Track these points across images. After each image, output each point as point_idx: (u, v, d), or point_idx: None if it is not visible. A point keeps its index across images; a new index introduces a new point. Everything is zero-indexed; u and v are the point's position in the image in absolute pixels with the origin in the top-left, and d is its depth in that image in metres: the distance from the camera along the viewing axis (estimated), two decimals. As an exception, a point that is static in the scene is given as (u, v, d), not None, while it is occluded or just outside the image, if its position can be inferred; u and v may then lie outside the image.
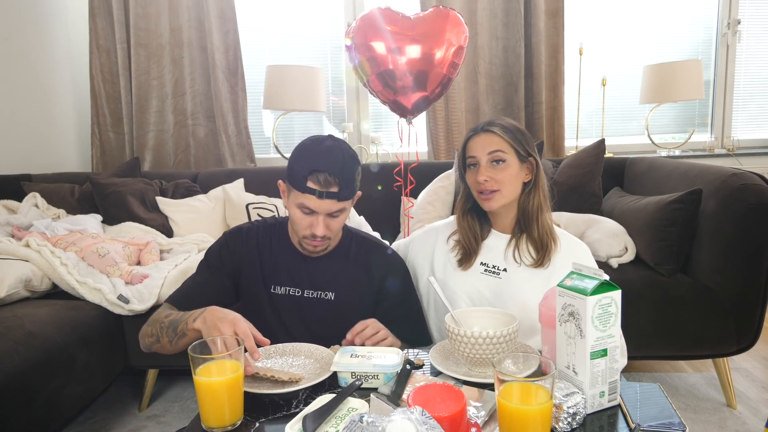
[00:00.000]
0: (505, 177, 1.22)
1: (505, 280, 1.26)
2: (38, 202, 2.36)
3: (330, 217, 1.17)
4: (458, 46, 1.83)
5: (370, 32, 1.78)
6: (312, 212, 1.15)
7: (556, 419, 0.82)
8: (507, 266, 1.26)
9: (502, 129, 1.23)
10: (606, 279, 0.88)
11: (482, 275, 1.28)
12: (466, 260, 1.29)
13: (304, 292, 1.27)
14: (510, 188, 1.23)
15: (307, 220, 1.17)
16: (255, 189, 2.55)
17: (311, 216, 1.16)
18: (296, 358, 1.11)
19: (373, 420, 0.71)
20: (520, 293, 1.23)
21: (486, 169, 1.22)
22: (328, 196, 1.13)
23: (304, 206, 1.15)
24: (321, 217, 1.15)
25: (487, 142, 1.23)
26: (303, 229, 1.18)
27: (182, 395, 2.15)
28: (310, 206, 1.14)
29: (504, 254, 1.27)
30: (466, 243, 1.29)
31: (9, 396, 1.33)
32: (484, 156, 1.22)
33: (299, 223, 1.18)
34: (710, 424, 1.83)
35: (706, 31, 3.18)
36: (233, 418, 0.88)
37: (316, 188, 1.12)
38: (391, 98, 1.89)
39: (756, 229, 1.74)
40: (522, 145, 1.23)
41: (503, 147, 1.22)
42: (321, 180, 1.12)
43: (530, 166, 1.25)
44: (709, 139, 3.19)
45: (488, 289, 1.27)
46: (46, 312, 1.65)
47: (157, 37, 2.94)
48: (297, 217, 1.17)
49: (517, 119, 2.90)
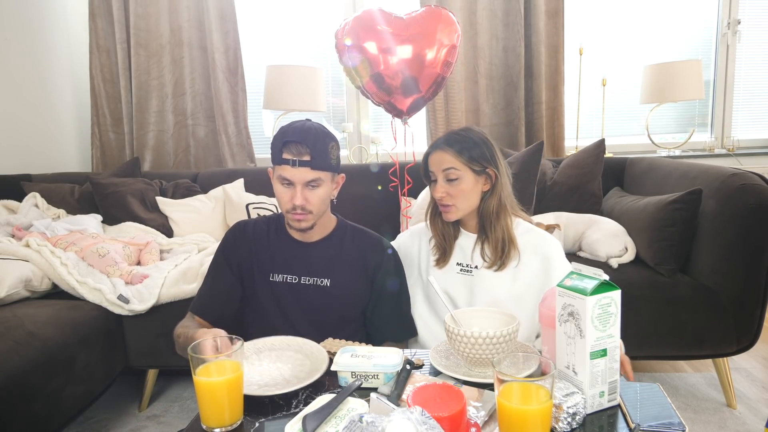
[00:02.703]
0: (459, 192, 1.28)
1: (477, 276, 1.33)
2: (38, 202, 2.36)
3: (308, 187, 1.23)
4: (451, 45, 1.83)
5: (362, 33, 1.78)
6: (290, 184, 1.22)
7: (555, 419, 0.82)
8: (477, 263, 1.34)
9: (456, 147, 1.28)
10: (606, 279, 0.88)
11: (458, 274, 1.35)
12: (442, 259, 1.37)
13: (300, 279, 1.31)
14: (466, 201, 1.30)
15: (287, 193, 1.23)
16: (255, 189, 2.55)
17: (290, 188, 1.23)
18: (283, 353, 1.12)
19: (373, 420, 0.71)
20: (491, 288, 1.31)
21: (441, 185, 1.29)
22: (302, 164, 1.20)
23: (282, 178, 1.23)
24: (299, 187, 1.22)
25: (442, 160, 1.29)
26: (285, 203, 1.24)
27: (182, 395, 2.15)
28: (286, 176, 1.21)
29: (473, 252, 1.35)
30: (440, 243, 1.37)
31: (9, 396, 1.33)
32: (440, 173, 1.29)
33: (281, 198, 1.25)
34: (710, 424, 1.83)
35: (706, 31, 3.18)
36: (233, 418, 0.88)
37: (289, 157, 1.20)
38: (385, 99, 1.89)
39: (756, 229, 1.74)
40: (477, 160, 1.28)
41: (456, 165, 1.27)
42: (293, 150, 1.20)
43: (488, 176, 1.30)
44: (709, 139, 3.19)
45: (463, 286, 1.34)
46: (46, 312, 1.65)
47: (157, 37, 2.94)
48: (279, 192, 1.25)
49: (517, 119, 2.90)
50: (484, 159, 1.28)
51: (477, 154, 1.28)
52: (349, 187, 1.53)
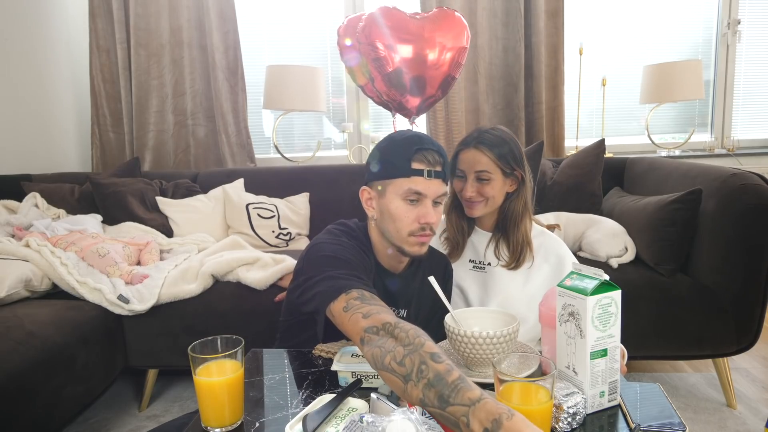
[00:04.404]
0: (489, 191, 1.29)
1: (489, 273, 1.35)
2: (38, 202, 2.36)
3: (434, 205, 1.10)
4: (462, 47, 1.85)
5: (375, 32, 1.78)
6: (419, 199, 1.08)
7: (556, 419, 0.82)
8: (490, 261, 1.36)
9: (490, 147, 1.27)
10: (606, 279, 0.88)
11: (471, 271, 1.38)
12: (453, 253, 1.38)
13: None
14: (494, 200, 1.31)
15: (413, 212, 1.08)
16: (255, 189, 2.55)
17: (418, 205, 1.09)
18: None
19: (373, 420, 0.71)
20: (504, 286, 1.33)
21: (472, 185, 1.30)
22: (436, 175, 1.08)
23: (410, 192, 1.07)
24: (429, 202, 1.08)
25: (475, 161, 1.28)
26: (409, 223, 1.09)
27: (182, 395, 2.14)
28: (418, 189, 1.07)
29: (486, 251, 1.36)
30: (453, 237, 1.38)
31: (9, 396, 1.33)
32: (471, 173, 1.29)
33: (404, 218, 1.09)
34: (710, 424, 1.83)
35: (706, 31, 3.18)
36: (233, 418, 0.88)
37: (423, 168, 1.06)
38: (397, 99, 1.89)
39: (756, 229, 1.74)
40: (508, 162, 1.28)
41: (490, 167, 1.28)
42: (428, 158, 1.06)
43: (515, 178, 1.31)
44: (709, 139, 3.19)
45: (475, 283, 1.37)
46: (46, 312, 1.65)
47: (157, 37, 2.94)
48: (401, 210, 1.08)
49: (517, 119, 2.90)
50: (515, 161, 1.29)
51: (509, 157, 1.28)
52: (349, 187, 1.53)
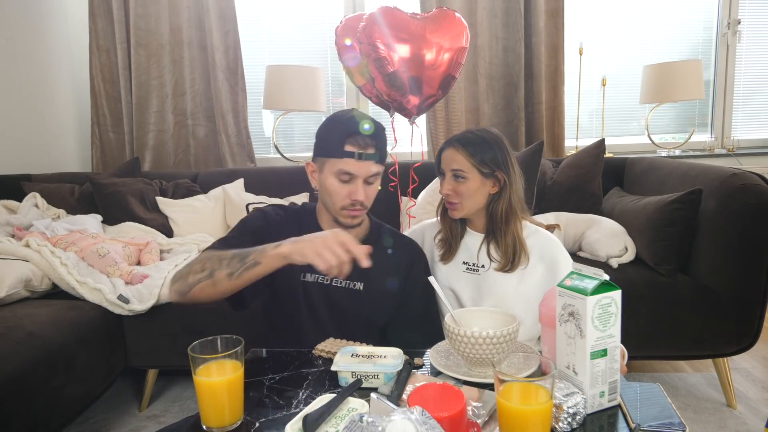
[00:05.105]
0: (465, 191, 1.28)
1: (483, 275, 1.34)
2: (38, 202, 2.36)
3: (366, 183, 1.18)
4: (462, 47, 1.85)
5: (377, 32, 1.78)
6: (351, 178, 1.16)
7: (556, 419, 0.82)
8: (484, 263, 1.34)
9: (466, 146, 1.27)
10: (606, 279, 0.88)
11: (464, 273, 1.36)
12: (447, 255, 1.37)
13: (332, 280, 1.25)
14: (470, 201, 1.29)
15: (345, 188, 1.17)
16: (255, 189, 2.55)
17: (350, 184, 1.17)
18: None
19: (373, 420, 0.71)
20: (498, 288, 1.31)
21: (448, 182, 1.30)
22: (367, 157, 1.15)
23: (342, 172, 1.16)
24: (360, 181, 1.16)
25: (451, 159, 1.29)
26: (341, 199, 1.18)
27: (182, 395, 2.14)
28: (349, 170, 1.15)
29: (479, 252, 1.35)
30: (447, 239, 1.38)
31: (9, 396, 1.33)
32: (448, 170, 1.30)
33: (337, 193, 1.18)
34: (710, 424, 1.83)
35: (706, 31, 3.18)
36: (233, 418, 0.88)
37: (354, 150, 1.14)
38: (397, 99, 1.89)
39: (756, 229, 1.74)
40: (485, 162, 1.27)
41: (464, 167, 1.27)
42: (360, 141, 1.14)
43: (496, 180, 1.29)
44: (709, 139, 3.19)
45: (468, 285, 1.35)
46: (46, 312, 1.65)
47: (157, 37, 2.94)
48: (335, 187, 1.18)
49: (517, 119, 2.90)
50: (495, 162, 1.27)
51: (488, 157, 1.27)
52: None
